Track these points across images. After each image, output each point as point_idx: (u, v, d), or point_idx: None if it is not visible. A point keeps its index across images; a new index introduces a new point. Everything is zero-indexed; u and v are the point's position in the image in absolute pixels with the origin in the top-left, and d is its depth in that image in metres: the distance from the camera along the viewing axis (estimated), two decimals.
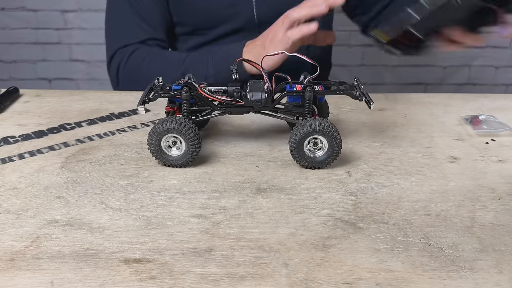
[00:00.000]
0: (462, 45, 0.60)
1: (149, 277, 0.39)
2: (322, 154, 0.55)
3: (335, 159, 0.55)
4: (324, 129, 0.53)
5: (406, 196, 0.51)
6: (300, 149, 0.54)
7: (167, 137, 0.54)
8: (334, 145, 0.54)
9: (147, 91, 0.57)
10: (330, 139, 0.54)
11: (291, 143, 0.54)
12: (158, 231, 0.45)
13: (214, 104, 0.57)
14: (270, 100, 0.56)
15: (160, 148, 0.55)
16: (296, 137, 0.54)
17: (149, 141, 0.55)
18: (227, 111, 0.57)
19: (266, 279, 0.39)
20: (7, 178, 0.53)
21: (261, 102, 0.56)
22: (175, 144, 0.55)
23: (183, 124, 0.53)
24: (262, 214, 0.47)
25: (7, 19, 1.73)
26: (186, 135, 0.53)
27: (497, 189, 0.52)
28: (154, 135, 0.54)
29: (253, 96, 0.56)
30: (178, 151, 0.55)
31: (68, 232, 0.44)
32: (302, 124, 0.54)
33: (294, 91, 0.56)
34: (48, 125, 0.67)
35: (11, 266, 0.40)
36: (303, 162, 0.55)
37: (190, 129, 0.54)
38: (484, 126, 0.66)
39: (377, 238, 0.44)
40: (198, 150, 0.55)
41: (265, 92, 0.56)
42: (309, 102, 0.56)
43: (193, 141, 0.54)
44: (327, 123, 0.53)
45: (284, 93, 0.56)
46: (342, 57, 1.67)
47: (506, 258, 0.41)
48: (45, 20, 1.72)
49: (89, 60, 1.80)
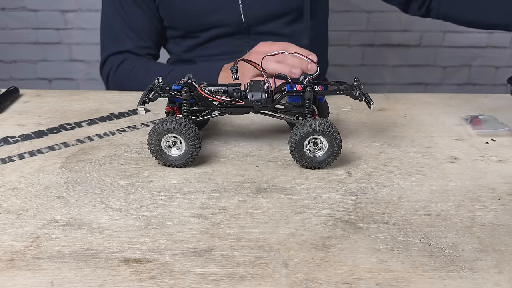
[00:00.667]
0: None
1: (149, 277, 0.39)
2: (322, 154, 0.55)
3: (335, 159, 0.55)
4: (324, 129, 0.53)
5: (406, 196, 0.51)
6: (300, 149, 0.54)
7: (167, 137, 0.54)
8: (334, 145, 0.54)
9: (147, 91, 0.57)
10: (330, 139, 0.54)
11: (291, 143, 0.54)
12: (158, 231, 0.45)
13: (214, 104, 0.57)
14: (270, 100, 0.56)
15: (160, 148, 0.55)
16: (296, 137, 0.53)
17: (149, 141, 0.55)
18: (227, 111, 0.57)
19: (266, 279, 0.39)
20: (7, 178, 0.53)
21: (261, 102, 0.56)
22: (175, 144, 0.55)
23: (183, 124, 0.53)
24: (262, 214, 0.47)
25: (7, 19, 1.73)
26: (186, 135, 0.53)
27: (497, 189, 0.52)
28: (154, 135, 0.54)
29: (253, 96, 0.55)
30: (178, 151, 0.55)
31: (68, 232, 0.44)
32: (302, 124, 0.54)
33: (294, 91, 0.56)
34: (48, 125, 0.67)
35: (11, 266, 0.40)
36: (303, 162, 0.55)
37: (190, 129, 0.54)
38: (484, 126, 0.66)
39: (377, 238, 0.44)
40: (198, 150, 0.55)
41: (265, 92, 0.56)
42: (309, 102, 0.56)
43: (193, 141, 0.54)
44: (327, 123, 0.53)
45: (284, 93, 0.56)
46: (342, 57, 1.68)
47: (506, 258, 0.41)
48: (45, 20, 1.72)
49: (89, 60, 1.80)
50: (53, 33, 1.75)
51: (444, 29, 1.69)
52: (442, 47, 1.72)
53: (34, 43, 1.77)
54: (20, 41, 1.76)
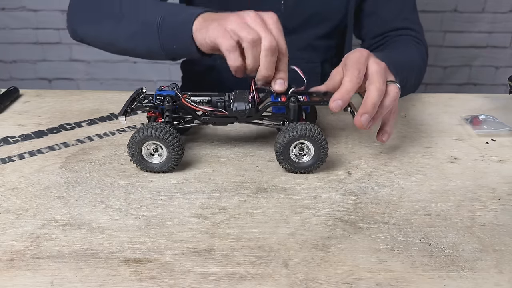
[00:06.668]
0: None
1: (149, 277, 0.39)
2: (307, 160, 0.54)
3: (318, 167, 0.54)
4: (314, 135, 0.52)
5: (406, 196, 0.50)
6: (286, 152, 0.53)
7: (147, 145, 0.53)
8: (320, 153, 0.53)
9: (129, 101, 0.56)
10: (318, 146, 0.53)
11: (279, 144, 0.53)
12: (158, 231, 0.45)
13: (197, 114, 0.56)
14: (254, 111, 0.55)
15: (141, 157, 0.54)
16: (284, 139, 0.52)
17: (129, 151, 0.53)
18: (211, 121, 0.57)
19: (266, 279, 0.39)
20: (7, 178, 0.53)
21: (245, 113, 0.55)
22: (157, 151, 0.54)
23: (160, 129, 0.52)
24: (262, 214, 0.47)
25: (7, 19, 1.73)
26: (165, 140, 0.52)
27: (497, 189, 0.52)
28: (133, 145, 0.53)
29: (237, 107, 0.55)
30: (160, 158, 0.54)
31: (68, 232, 0.44)
32: (292, 127, 0.52)
33: (278, 102, 0.55)
34: (48, 125, 0.67)
35: (11, 266, 0.40)
36: (287, 165, 0.54)
37: (168, 133, 0.52)
38: (484, 126, 0.66)
39: (377, 238, 0.44)
40: (181, 154, 0.54)
41: (249, 102, 0.55)
42: (293, 113, 0.55)
43: (174, 146, 0.53)
44: (317, 130, 0.52)
45: (268, 104, 0.55)
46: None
47: (506, 258, 0.41)
48: (45, 20, 1.72)
49: (89, 60, 1.80)
50: (53, 33, 1.75)
51: (444, 29, 1.69)
52: (442, 47, 1.72)
53: (34, 43, 1.77)
54: (20, 41, 1.76)
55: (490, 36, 1.72)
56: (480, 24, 1.69)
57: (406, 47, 0.80)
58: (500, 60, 1.76)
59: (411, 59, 0.76)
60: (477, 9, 1.67)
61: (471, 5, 1.66)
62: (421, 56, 0.80)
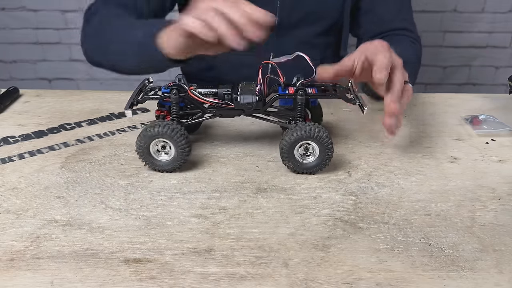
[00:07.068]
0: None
1: (149, 277, 0.39)
2: (312, 160, 0.54)
3: (320, 169, 0.54)
4: (321, 138, 0.52)
5: (406, 196, 0.50)
6: (291, 150, 0.53)
7: (157, 141, 0.53)
8: (325, 156, 0.53)
9: (135, 93, 0.56)
10: (324, 149, 0.53)
11: (285, 141, 0.53)
12: (158, 231, 0.45)
13: (204, 107, 0.56)
14: (261, 103, 0.55)
15: (148, 152, 0.54)
16: (292, 137, 0.52)
17: (138, 143, 0.53)
18: (218, 114, 0.56)
19: (266, 279, 0.39)
20: (7, 178, 0.53)
21: (251, 106, 0.55)
22: (164, 149, 0.54)
23: (176, 130, 0.52)
24: (262, 214, 0.47)
25: (7, 19, 1.73)
26: (177, 141, 0.52)
27: (497, 189, 0.52)
28: (144, 137, 0.53)
29: (243, 99, 0.54)
30: (167, 156, 0.54)
31: (68, 232, 0.44)
32: (301, 127, 0.52)
33: (285, 94, 0.55)
34: (48, 125, 0.67)
35: (11, 266, 0.40)
36: (290, 164, 0.54)
37: (182, 136, 0.52)
38: (484, 126, 0.66)
39: (377, 238, 0.44)
40: (187, 157, 0.54)
41: (256, 95, 0.55)
42: (301, 105, 0.54)
43: (184, 148, 0.53)
44: (325, 133, 0.52)
45: (276, 96, 0.55)
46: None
47: (506, 258, 0.41)
48: (45, 20, 1.72)
49: None
50: (53, 33, 1.74)
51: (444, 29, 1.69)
52: (442, 47, 1.72)
53: (34, 43, 1.77)
54: (20, 41, 1.76)
55: (490, 36, 1.72)
56: (480, 24, 1.69)
57: (404, 46, 0.81)
58: (500, 60, 1.76)
59: (409, 58, 0.77)
60: (477, 9, 1.67)
61: (470, 5, 1.66)
62: (416, 54, 0.82)
